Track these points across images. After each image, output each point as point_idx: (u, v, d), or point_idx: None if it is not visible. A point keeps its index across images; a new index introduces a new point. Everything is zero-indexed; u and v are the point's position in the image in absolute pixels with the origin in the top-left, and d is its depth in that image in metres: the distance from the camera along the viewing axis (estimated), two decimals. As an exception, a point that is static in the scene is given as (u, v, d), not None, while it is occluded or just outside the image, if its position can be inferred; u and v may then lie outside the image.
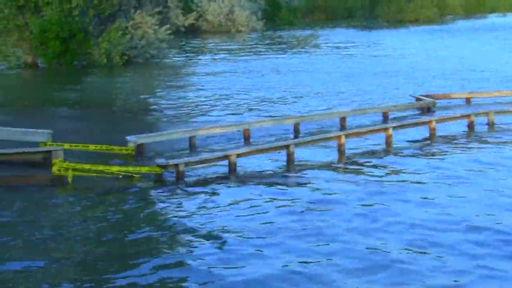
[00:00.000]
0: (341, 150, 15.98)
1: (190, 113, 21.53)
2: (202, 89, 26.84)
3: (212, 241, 10.38)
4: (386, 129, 17.29)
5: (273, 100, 23.75)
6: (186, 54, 43.02)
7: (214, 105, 22.88)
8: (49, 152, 14.06)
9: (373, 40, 50.66)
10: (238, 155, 14.77)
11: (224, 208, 12.04)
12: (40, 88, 29.11)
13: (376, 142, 16.93)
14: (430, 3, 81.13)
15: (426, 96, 22.18)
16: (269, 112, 21.27)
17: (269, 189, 13.23)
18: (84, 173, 13.61)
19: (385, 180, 13.85)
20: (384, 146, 16.67)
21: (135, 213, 11.97)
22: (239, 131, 17.60)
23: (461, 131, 18.32)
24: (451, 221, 11.18)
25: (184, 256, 9.91)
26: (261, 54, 41.58)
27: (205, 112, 21.70)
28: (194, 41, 52.02)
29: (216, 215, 11.68)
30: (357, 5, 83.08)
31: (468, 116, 18.77)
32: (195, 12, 54.50)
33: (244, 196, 12.76)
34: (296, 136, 17.59)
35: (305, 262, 9.52)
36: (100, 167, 13.75)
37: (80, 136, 16.73)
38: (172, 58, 39.97)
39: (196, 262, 9.60)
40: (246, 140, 17.20)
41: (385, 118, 19.70)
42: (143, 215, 11.91)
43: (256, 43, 50.45)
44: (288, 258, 9.68)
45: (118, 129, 18.31)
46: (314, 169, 14.72)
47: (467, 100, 22.64)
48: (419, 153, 16.30)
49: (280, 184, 13.64)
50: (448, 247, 10.06)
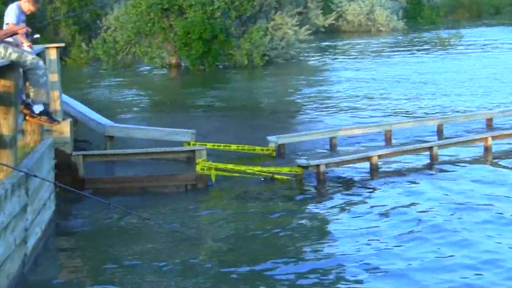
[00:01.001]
0: (487, 152, 15.54)
1: (331, 113, 21.42)
2: (342, 90, 26.66)
3: (358, 242, 10.22)
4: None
5: (415, 101, 23.30)
6: (326, 54, 42.90)
7: (355, 106, 22.67)
8: (193, 151, 14.31)
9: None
10: (380, 156, 14.61)
11: (365, 209, 11.87)
12: (184, 88, 29.70)
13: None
14: None
15: None
16: (411, 113, 20.91)
17: (412, 190, 12.96)
18: (226, 172, 13.77)
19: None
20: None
21: (277, 212, 11.95)
22: (380, 132, 17.40)
23: None
24: None
25: (331, 257, 9.84)
26: (403, 55, 40.94)
27: (346, 112, 21.53)
28: (334, 41, 51.82)
29: (358, 216, 11.53)
30: (505, 1, 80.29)
31: None
32: (334, 12, 54.42)
33: (387, 198, 12.54)
34: (439, 137, 17.19)
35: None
36: (242, 167, 13.87)
37: (222, 136, 16.90)
38: (312, 59, 39.98)
39: (348, 263, 9.52)
40: (388, 141, 16.96)
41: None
42: (285, 215, 11.86)
43: (397, 43, 49.73)
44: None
45: (259, 129, 18.40)
46: (459, 171, 14.33)
47: None
48: None
49: (423, 185, 13.32)
50: None
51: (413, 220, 11.24)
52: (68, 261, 10.33)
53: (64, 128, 13.08)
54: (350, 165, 14.47)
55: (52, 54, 12.89)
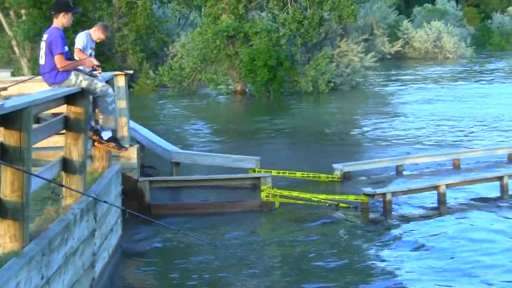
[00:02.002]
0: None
1: (397, 141, 21.25)
2: (409, 117, 26.48)
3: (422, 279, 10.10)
4: None
5: (484, 129, 23.02)
6: (393, 81, 42.69)
7: (422, 134, 22.48)
8: (258, 178, 14.33)
9: None
10: (448, 186, 14.39)
11: (433, 241, 11.68)
12: (249, 115, 29.85)
13: None
14: None
15: None
16: (480, 141, 20.64)
17: (482, 220, 12.74)
18: (291, 200, 13.75)
19: None
20: None
21: (339, 242, 11.85)
22: (447, 160, 17.19)
23: None
24: None
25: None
26: (470, 82, 40.51)
27: (413, 139, 21.35)
28: (400, 68, 51.57)
29: (423, 246, 11.37)
30: None
31: None
32: (401, 40, 54.24)
33: (457, 228, 12.34)
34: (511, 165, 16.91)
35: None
36: (307, 195, 13.82)
37: (287, 163, 16.93)
38: (378, 85, 39.79)
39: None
40: (456, 169, 16.74)
41: None
42: (348, 244, 11.75)
43: (464, 70, 49.26)
44: None
45: (325, 156, 18.38)
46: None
47: None
48: None
49: (495, 216, 13.07)
50: None
51: (481, 255, 11.03)
52: (133, 285, 10.41)
53: (131, 154, 13.22)
54: (418, 194, 14.32)
55: (121, 81, 13.06)
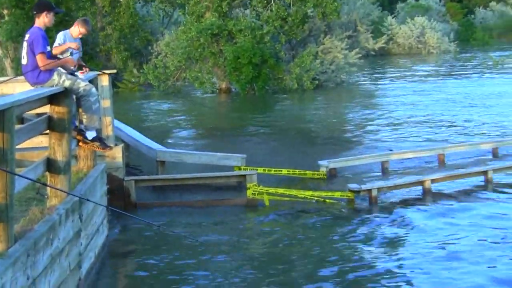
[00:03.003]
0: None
1: (382, 137, 21.32)
2: (394, 113, 26.54)
3: (403, 277, 10.13)
4: None
5: (467, 124, 23.11)
6: (377, 77, 42.77)
7: (406, 129, 22.55)
8: (243, 176, 14.34)
9: None
10: (433, 181, 14.47)
11: (418, 237, 11.72)
12: (234, 112, 29.86)
13: None
14: None
15: None
16: (463, 136, 20.72)
17: (467, 216, 12.77)
18: (277, 197, 13.76)
19: None
20: None
21: (325, 238, 11.88)
22: (432, 156, 17.26)
23: None
24: None
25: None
26: (454, 77, 40.67)
27: (397, 136, 21.42)
28: (384, 64, 51.69)
29: (408, 242, 11.40)
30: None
31: None
32: (385, 36, 54.28)
33: (440, 223, 12.39)
34: (494, 160, 16.96)
35: None
36: (293, 191, 13.86)
37: (273, 160, 16.93)
38: (362, 82, 39.86)
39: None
40: (441, 164, 16.80)
41: None
42: (334, 240, 11.80)
43: (448, 65, 49.44)
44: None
45: (310, 153, 18.39)
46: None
47: None
48: None
49: (477, 209, 13.14)
50: None
51: (467, 246, 11.11)
52: (121, 285, 10.39)
53: (117, 154, 13.20)
54: (403, 189, 14.37)
55: (104, 80, 13.04)
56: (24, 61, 9.53)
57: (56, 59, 9.75)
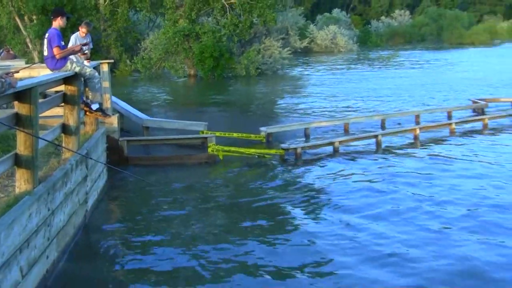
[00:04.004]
0: (416, 139, 15.57)
1: (306, 111, 21.41)
2: (314, 93, 26.66)
3: (327, 204, 10.22)
4: (450, 124, 16.72)
5: (366, 101, 23.34)
6: (302, 68, 42.84)
7: (323, 105, 22.67)
8: (205, 138, 14.31)
9: (440, 58, 49.03)
10: (340, 142, 14.62)
11: (330, 179, 11.84)
12: (199, 92, 29.64)
13: (443, 133, 16.40)
14: (483, 30, 77.93)
15: (480, 99, 21.23)
16: (363, 110, 20.93)
17: (363, 166, 12.95)
18: (230, 153, 13.77)
19: (450, 157, 13.47)
20: (448, 136, 16.11)
21: (265, 182, 11.93)
22: (341, 124, 17.38)
23: (507, 125, 17.51)
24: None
25: (302, 211, 9.86)
26: (356, 68, 40.96)
27: (316, 110, 21.53)
28: (307, 58, 51.76)
29: (325, 183, 11.51)
30: (427, 32, 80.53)
31: (514, 114, 17.96)
32: (308, 38, 54.30)
33: (344, 170, 12.56)
34: (383, 129, 17.19)
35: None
36: (241, 149, 13.87)
37: (226, 127, 16.88)
38: (292, 71, 39.90)
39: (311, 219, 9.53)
40: (346, 131, 16.96)
41: (449, 116, 18.89)
42: (272, 183, 11.84)
43: (353, 60, 49.75)
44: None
45: (254, 122, 18.38)
46: (396, 151, 14.36)
47: (513, 103, 21.54)
48: (475, 138, 15.71)
49: (371, 162, 13.32)
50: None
51: (369, 183, 11.29)
52: (116, 214, 10.34)
53: (113, 121, 13.04)
54: (319, 148, 14.49)
55: (105, 67, 12.87)
56: (45, 52, 9.49)
57: (66, 49, 9.71)
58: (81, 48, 9.99)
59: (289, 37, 43.81)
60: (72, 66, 9.45)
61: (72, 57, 9.94)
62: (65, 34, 9.91)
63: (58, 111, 9.64)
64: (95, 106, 10.35)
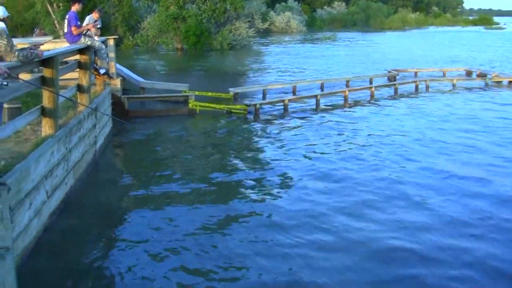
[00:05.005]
0: (346, 99, 15.71)
1: (264, 76, 21.35)
2: (271, 64, 26.49)
3: (285, 150, 10.36)
4: (371, 88, 16.92)
5: (309, 70, 23.36)
6: (263, 43, 42.38)
7: (277, 72, 22.63)
8: (187, 96, 14.23)
9: (367, 39, 48.95)
10: (289, 100, 14.69)
11: (278, 128, 12.00)
12: (183, 62, 29.11)
13: (366, 95, 16.61)
14: (398, 19, 78.71)
15: (393, 70, 21.48)
16: (307, 76, 20.96)
17: (306, 121, 13.09)
18: (205, 107, 13.74)
19: (369, 112, 13.65)
20: (369, 98, 16.34)
21: (232, 130, 12.03)
22: (289, 87, 17.42)
23: (411, 90, 17.79)
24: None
25: (264, 152, 9.98)
26: (304, 45, 40.70)
27: (274, 75, 21.48)
28: (267, 37, 51.12)
29: (275, 132, 11.65)
30: (358, 19, 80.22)
31: (415, 82, 18.19)
32: (268, 21, 53.45)
33: (293, 123, 12.71)
34: (321, 91, 17.30)
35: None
36: (214, 105, 13.85)
37: (203, 87, 16.71)
38: (255, 46, 39.48)
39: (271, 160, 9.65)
40: (294, 92, 17.00)
41: (371, 82, 19.09)
42: (234, 132, 11.93)
43: (302, 39, 49.34)
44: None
45: (225, 83, 18.23)
46: (331, 110, 14.51)
47: (415, 73, 21.77)
48: (390, 101, 15.87)
49: (312, 117, 13.46)
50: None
51: (313, 132, 11.42)
52: (119, 153, 10.37)
53: (117, 82, 12.86)
54: (273, 105, 14.56)
55: (111, 42, 12.55)
56: (65, 30, 9.41)
57: (82, 27, 9.56)
58: (93, 26, 9.84)
59: (254, 20, 43.03)
60: (85, 41, 9.36)
61: (89, 32, 9.76)
62: (82, 16, 9.75)
63: (74, 75, 9.53)
64: (102, 71, 10.26)
